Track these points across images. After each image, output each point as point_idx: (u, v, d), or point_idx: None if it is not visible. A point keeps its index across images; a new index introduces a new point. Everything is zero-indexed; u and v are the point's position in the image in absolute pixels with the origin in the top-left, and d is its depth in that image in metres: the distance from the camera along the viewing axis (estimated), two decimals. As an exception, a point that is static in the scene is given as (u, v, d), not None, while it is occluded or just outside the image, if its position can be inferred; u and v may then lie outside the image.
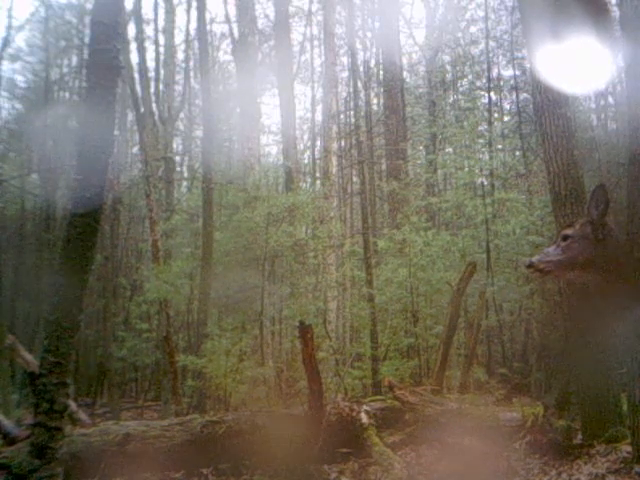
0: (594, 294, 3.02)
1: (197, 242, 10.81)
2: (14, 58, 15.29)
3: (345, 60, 16.84)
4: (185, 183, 18.20)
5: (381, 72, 15.80)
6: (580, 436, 4.88)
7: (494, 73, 12.67)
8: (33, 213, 15.07)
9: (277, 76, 14.85)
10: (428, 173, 12.66)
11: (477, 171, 10.57)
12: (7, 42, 13.79)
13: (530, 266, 3.04)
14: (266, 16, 17.51)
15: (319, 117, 16.71)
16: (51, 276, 3.70)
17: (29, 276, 13.02)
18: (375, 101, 17.15)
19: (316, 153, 16.52)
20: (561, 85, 4.49)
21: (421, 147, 16.00)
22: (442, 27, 15.76)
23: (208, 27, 14.58)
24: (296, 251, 10.42)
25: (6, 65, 14.88)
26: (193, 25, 16.15)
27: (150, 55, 16.77)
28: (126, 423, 5.76)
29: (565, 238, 2.97)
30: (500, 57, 13.16)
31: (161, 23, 15.97)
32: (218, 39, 18.74)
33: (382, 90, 15.21)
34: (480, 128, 11.34)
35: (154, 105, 14.51)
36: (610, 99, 13.24)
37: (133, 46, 13.36)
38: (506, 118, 13.94)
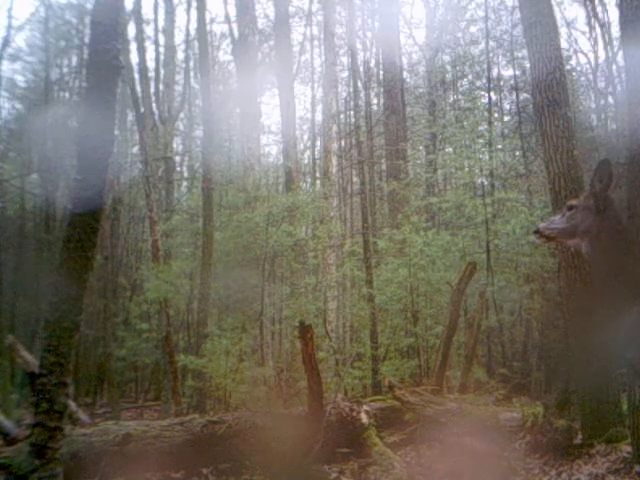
0: (589, 265, 3.14)
1: (197, 242, 10.81)
2: (14, 58, 15.27)
3: (345, 60, 16.84)
4: (185, 183, 18.20)
5: (381, 72, 15.78)
6: (580, 436, 4.88)
7: (494, 73, 12.67)
8: (33, 213, 15.05)
9: (277, 76, 14.84)
10: (428, 173, 12.65)
11: (477, 171, 10.56)
12: (7, 42, 13.78)
13: (536, 232, 3.33)
14: (266, 16, 17.49)
15: (319, 117, 16.70)
16: (51, 276, 3.68)
17: (29, 276, 13.00)
18: (375, 101, 17.13)
19: (316, 153, 16.51)
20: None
21: (421, 147, 15.98)
22: (442, 27, 15.75)
23: (208, 27, 14.55)
24: (296, 251, 10.42)
25: (6, 65, 14.88)
26: (193, 25, 16.14)
27: (150, 55, 16.80)
28: (126, 423, 5.76)
29: (570, 208, 3.18)
30: (500, 57, 13.16)
31: (161, 23, 15.97)
32: (218, 39, 18.73)
33: (382, 90, 15.19)
34: (480, 128, 11.33)
35: (154, 105, 14.51)
36: (610, 99, 13.25)
37: (133, 46, 13.39)
38: (506, 118, 13.94)
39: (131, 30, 13.44)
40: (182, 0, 17.05)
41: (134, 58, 13.03)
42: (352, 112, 13.80)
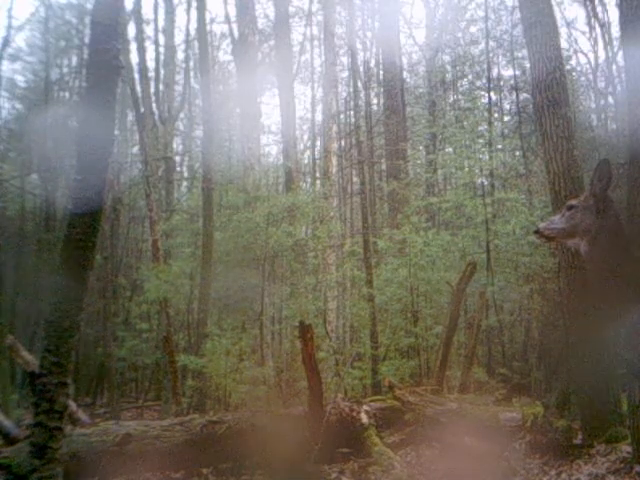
0: (586, 265, 3.15)
1: (197, 242, 10.81)
2: (14, 58, 15.28)
3: (345, 60, 16.85)
4: (185, 183, 18.21)
5: (381, 72, 15.79)
6: (580, 436, 4.88)
7: (494, 73, 12.67)
8: (33, 213, 15.05)
9: (277, 76, 14.84)
10: (428, 173, 12.65)
11: (477, 171, 10.56)
12: (7, 42, 13.78)
13: (536, 232, 3.34)
14: (266, 16, 17.50)
15: (319, 117, 16.71)
16: (51, 276, 3.68)
17: (29, 276, 13.01)
18: (375, 101, 17.14)
19: (316, 153, 16.52)
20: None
21: (421, 147, 15.98)
22: (442, 27, 15.76)
23: (208, 27, 14.57)
24: (296, 251, 10.41)
25: (6, 65, 14.89)
26: (193, 25, 16.17)
27: (150, 55, 16.88)
28: (126, 423, 5.76)
29: (570, 208, 3.19)
30: (500, 57, 13.16)
31: (161, 23, 16.01)
32: (218, 39, 18.77)
33: (382, 90, 15.20)
34: (480, 128, 11.33)
35: (154, 105, 14.52)
36: (610, 99, 13.26)
37: (133, 46, 13.41)
38: (506, 118, 13.94)
39: (131, 30, 13.50)
40: (182, 0, 17.11)
41: (134, 58, 13.09)
42: (352, 112, 13.80)
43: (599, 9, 13.30)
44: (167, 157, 14.03)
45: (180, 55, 17.69)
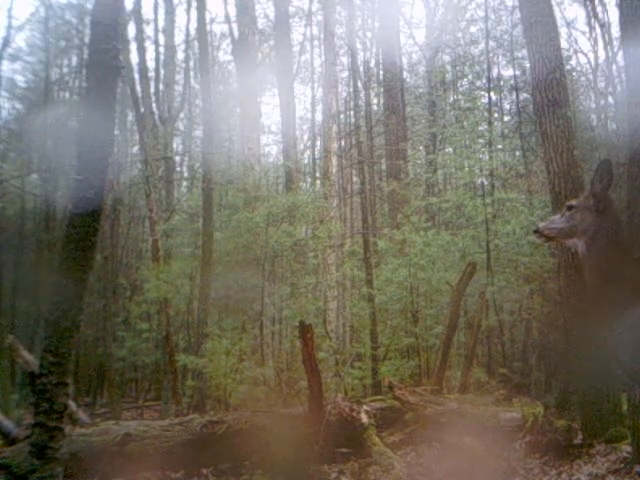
0: (583, 265, 3.14)
1: (197, 242, 10.80)
2: (14, 58, 15.27)
3: (345, 60, 16.85)
4: (185, 183, 18.20)
5: (381, 72, 15.79)
6: (580, 436, 4.88)
7: (494, 73, 12.64)
8: (33, 213, 15.05)
9: (277, 76, 14.84)
10: (428, 173, 12.64)
11: (477, 171, 10.56)
12: (7, 42, 13.78)
13: (536, 232, 3.33)
14: (266, 16, 17.51)
15: (319, 117, 16.71)
16: (51, 276, 3.68)
17: (29, 276, 13.00)
18: (375, 101, 17.14)
19: (316, 153, 16.52)
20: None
21: (421, 147, 15.98)
22: (442, 27, 15.74)
23: (208, 27, 14.56)
24: (296, 251, 10.42)
25: (6, 65, 14.89)
26: (193, 25, 16.16)
27: (150, 55, 16.83)
28: (126, 423, 5.75)
29: (570, 208, 3.17)
30: (500, 57, 13.14)
31: (161, 23, 16.00)
32: (218, 39, 18.77)
33: (382, 90, 15.19)
34: (480, 128, 11.32)
35: (154, 105, 14.52)
36: (610, 99, 13.26)
37: (133, 46, 13.40)
38: (506, 118, 13.93)
39: (131, 30, 13.49)
40: (182, 0, 17.10)
41: (134, 58, 13.07)
42: (352, 112, 13.81)
43: (599, 9, 13.30)
44: (167, 157, 14.03)
45: (180, 55, 17.70)
